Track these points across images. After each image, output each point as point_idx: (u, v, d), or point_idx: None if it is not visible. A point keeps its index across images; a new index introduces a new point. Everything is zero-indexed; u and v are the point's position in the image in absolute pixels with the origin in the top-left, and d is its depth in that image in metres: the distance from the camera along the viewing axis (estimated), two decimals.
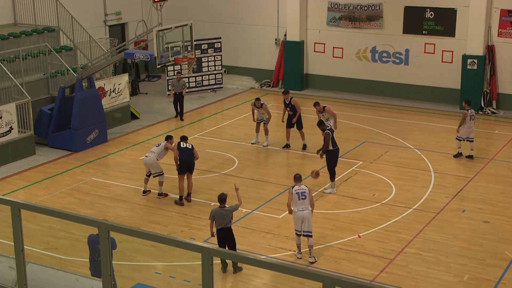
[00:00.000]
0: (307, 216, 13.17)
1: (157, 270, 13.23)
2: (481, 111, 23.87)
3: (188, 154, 16.15)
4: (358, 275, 12.82)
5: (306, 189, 13.33)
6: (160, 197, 16.62)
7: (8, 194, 16.59)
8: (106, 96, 21.85)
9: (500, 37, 23.76)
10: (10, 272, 7.71)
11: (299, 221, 13.20)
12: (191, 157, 16.20)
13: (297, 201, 13.19)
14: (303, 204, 13.16)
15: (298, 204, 13.18)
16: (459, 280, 12.78)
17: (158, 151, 16.45)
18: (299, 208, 13.16)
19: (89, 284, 7.67)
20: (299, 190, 13.25)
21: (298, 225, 13.24)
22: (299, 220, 13.20)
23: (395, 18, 25.19)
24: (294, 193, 13.23)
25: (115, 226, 6.49)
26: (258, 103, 19.89)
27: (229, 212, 12.86)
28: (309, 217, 13.20)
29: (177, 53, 18.91)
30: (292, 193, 13.27)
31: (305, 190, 13.26)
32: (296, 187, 13.34)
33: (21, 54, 20.45)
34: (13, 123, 19.01)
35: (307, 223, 13.19)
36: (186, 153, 16.14)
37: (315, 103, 19.10)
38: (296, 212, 13.20)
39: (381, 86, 25.83)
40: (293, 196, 13.26)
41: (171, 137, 16.65)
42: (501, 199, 16.47)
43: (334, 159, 16.80)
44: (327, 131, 16.59)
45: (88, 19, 24.89)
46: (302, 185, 13.45)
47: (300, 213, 13.14)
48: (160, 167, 16.51)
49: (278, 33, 27.47)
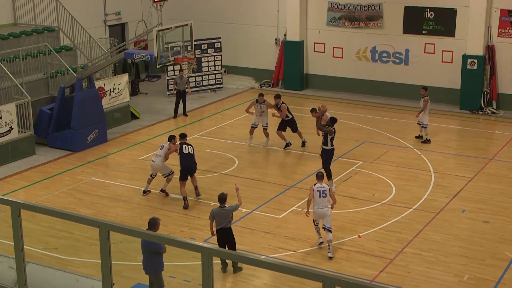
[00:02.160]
0: (328, 213, 13.64)
1: None
2: (481, 111, 23.87)
3: (190, 160, 16.14)
4: (358, 275, 12.82)
5: (327, 187, 13.78)
6: (162, 193, 16.62)
7: (8, 194, 16.59)
8: (106, 96, 21.85)
9: (500, 37, 23.76)
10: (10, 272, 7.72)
11: (319, 218, 13.78)
12: (193, 164, 16.21)
13: (317, 198, 13.62)
14: (324, 202, 13.61)
15: (318, 202, 13.63)
16: (459, 280, 12.78)
17: (163, 153, 16.40)
18: (319, 206, 13.61)
19: (89, 284, 7.67)
20: (320, 188, 13.67)
21: (318, 218, 13.86)
22: (319, 217, 13.76)
23: (395, 18, 25.20)
24: (316, 191, 13.64)
25: (115, 226, 6.49)
26: (261, 99, 19.81)
27: (229, 212, 12.86)
28: (330, 215, 13.67)
29: (177, 53, 18.91)
30: (314, 190, 13.66)
31: (326, 188, 13.72)
32: (318, 185, 13.73)
33: (21, 54, 20.44)
34: (13, 123, 19.01)
35: (327, 220, 13.65)
36: (188, 159, 16.11)
37: (312, 109, 18.66)
38: (316, 210, 13.66)
39: (381, 86, 25.83)
40: (314, 193, 13.65)
41: (174, 137, 16.58)
42: (501, 199, 16.47)
43: (329, 158, 16.81)
44: (330, 128, 16.59)
45: (88, 19, 24.89)
46: (323, 183, 13.85)
47: (321, 210, 13.61)
48: (168, 168, 16.51)
49: (278, 33, 27.47)
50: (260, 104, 19.82)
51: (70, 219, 6.85)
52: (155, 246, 11.12)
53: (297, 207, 15.95)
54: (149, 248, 11.15)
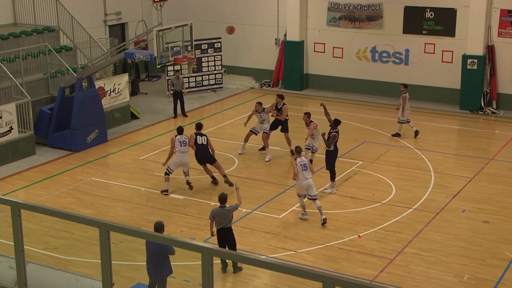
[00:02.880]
0: (311, 183, 14.98)
1: None
2: (481, 111, 23.87)
3: (204, 150, 16.85)
4: (358, 275, 12.83)
5: (306, 160, 15.11)
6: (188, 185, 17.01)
7: (8, 194, 16.59)
8: (106, 96, 21.85)
9: (500, 37, 23.76)
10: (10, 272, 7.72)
11: (304, 188, 14.99)
12: (207, 152, 16.91)
13: (301, 171, 14.83)
14: (307, 174, 14.90)
15: (302, 175, 14.85)
16: (459, 280, 12.78)
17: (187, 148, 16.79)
18: (303, 178, 14.85)
19: (89, 284, 7.68)
20: (301, 162, 14.91)
21: (302, 191, 15.08)
22: (303, 188, 14.97)
23: (395, 18, 25.20)
24: (298, 165, 14.82)
25: (115, 226, 6.49)
26: (259, 107, 19.14)
27: (229, 212, 12.86)
28: (313, 184, 15.02)
29: (177, 53, 18.91)
30: (297, 164, 14.82)
31: (306, 162, 15.02)
32: (299, 159, 14.95)
33: (21, 54, 20.45)
34: (13, 123, 19.01)
35: (311, 189, 14.98)
36: (202, 149, 16.84)
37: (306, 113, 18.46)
38: (302, 182, 14.89)
39: (381, 86, 25.83)
40: (298, 167, 14.80)
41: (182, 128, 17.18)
42: (501, 199, 16.47)
43: (333, 159, 16.85)
44: (333, 134, 16.58)
45: (88, 19, 24.89)
46: (302, 157, 15.12)
47: (305, 182, 14.89)
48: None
49: (278, 33, 27.47)
50: (260, 113, 19.26)
51: (70, 219, 6.85)
52: (170, 250, 10.95)
53: (297, 207, 15.94)
54: (165, 252, 10.95)
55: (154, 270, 11.13)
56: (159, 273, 11.12)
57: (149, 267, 11.16)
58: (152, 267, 11.12)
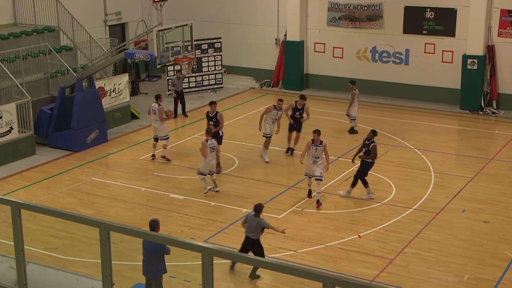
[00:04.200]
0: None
1: None
2: (481, 111, 23.87)
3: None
4: (358, 275, 12.82)
5: (215, 142, 16.55)
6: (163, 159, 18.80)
7: (8, 194, 16.59)
8: (106, 96, 21.85)
9: (500, 37, 23.76)
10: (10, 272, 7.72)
11: (209, 167, 16.48)
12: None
13: (209, 152, 16.19)
14: (214, 155, 16.37)
15: (211, 155, 16.32)
16: (459, 280, 12.78)
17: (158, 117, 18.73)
18: (211, 158, 16.28)
19: (89, 284, 7.67)
20: (211, 144, 16.29)
21: (207, 169, 16.46)
22: (209, 167, 16.43)
23: (395, 18, 25.20)
24: (208, 146, 16.17)
25: (115, 226, 6.49)
26: (280, 105, 18.75)
27: (256, 223, 12.45)
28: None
29: (177, 53, 18.91)
30: (207, 146, 16.21)
31: (215, 144, 16.42)
32: (209, 141, 16.28)
33: (21, 54, 20.45)
34: (13, 123, 19.01)
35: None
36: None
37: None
38: (210, 161, 16.32)
39: (381, 86, 25.83)
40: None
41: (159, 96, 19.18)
42: (501, 199, 16.47)
43: (367, 170, 16.36)
44: (374, 144, 16.23)
45: (88, 19, 24.88)
46: (212, 139, 16.44)
47: (212, 161, 16.39)
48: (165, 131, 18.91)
49: (278, 33, 27.47)
50: (278, 111, 18.85)
51: (70, 219, 6.85)
52: (164, 249, 10.95)
53: (297, 207, 15.95)
54: (158, 251, 10.95)
55: (149, 269, 11.17)
56: (154, 272, 11.17)
57: (145, 265, 11.23)
58: (147, 266, 11.17)
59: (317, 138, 15.90)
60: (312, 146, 15.93)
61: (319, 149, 15.91)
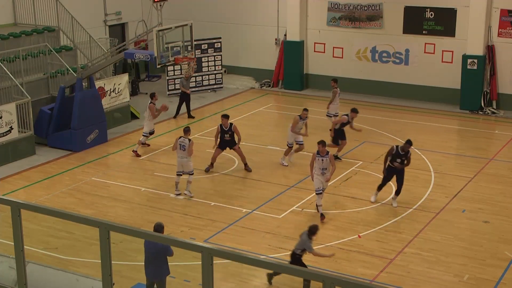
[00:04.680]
0: (185, 162, 16.36)
1: None
2: (481, 111, 23.87)
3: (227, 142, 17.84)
4: (358, 275, 12.83)
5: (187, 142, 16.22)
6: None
7: (8, 194, 16.59)
8: (106, 96, 21.85)
9: (500, 37, 23.76)
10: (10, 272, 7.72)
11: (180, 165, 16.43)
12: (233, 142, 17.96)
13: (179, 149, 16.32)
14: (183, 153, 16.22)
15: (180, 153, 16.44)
16: (459, 280, 12.78)
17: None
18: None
19: (89, 284, 7.67)
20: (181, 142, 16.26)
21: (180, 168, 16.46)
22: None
23: (395, 18, 25.20)
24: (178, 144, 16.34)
25: (115, 226, 6.49)
26: (305, 114, 18.16)
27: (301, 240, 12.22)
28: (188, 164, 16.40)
29: (177, 53, 18.91)
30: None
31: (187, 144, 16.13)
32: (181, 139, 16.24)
33: (21, 54, 20.45)
34: (13, 123, 19.01)
35: (187, 167, 16.43)
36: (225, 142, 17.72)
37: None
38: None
39: (381, 86, 25.83)
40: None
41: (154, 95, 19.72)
42: (501, 199, 16.47)
43: (390, 176, 16.14)
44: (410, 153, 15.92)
45: (88, 19, 24.87)
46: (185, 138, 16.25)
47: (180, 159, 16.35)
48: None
49: (278, 33, 27.47)
50: (304, 120, 18.30)
51: (70, 219, 6.85)
52: (168, 251, 10.90)
53: (297, 207, 15.95)
54: (163, 253, 10.92)
55: (153, 272, 11.11)
56: (158, 274, 11.11)
57: (148, 268, 11.15)
58: (151, 268, 11.10)
59: (323, 149, 15.32)
60: (318, 157, 15.28)
61: (326, 160, 15.29)
